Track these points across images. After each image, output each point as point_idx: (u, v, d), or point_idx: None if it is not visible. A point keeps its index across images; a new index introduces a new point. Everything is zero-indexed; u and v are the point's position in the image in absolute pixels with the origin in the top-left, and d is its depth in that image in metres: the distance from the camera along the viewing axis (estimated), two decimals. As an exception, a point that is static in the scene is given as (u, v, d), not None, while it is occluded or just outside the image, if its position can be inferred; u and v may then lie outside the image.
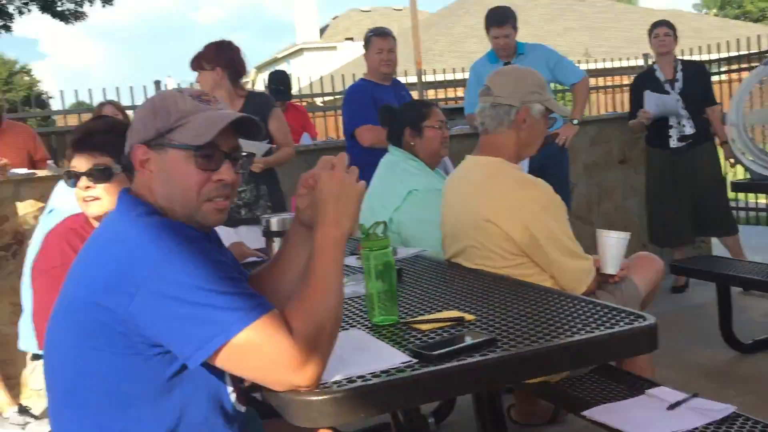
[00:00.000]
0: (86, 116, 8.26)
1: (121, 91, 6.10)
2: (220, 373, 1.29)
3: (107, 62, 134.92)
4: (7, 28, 15.07)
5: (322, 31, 35.55)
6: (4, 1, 14.00)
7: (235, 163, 1.36)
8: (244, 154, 1.39)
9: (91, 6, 15.02)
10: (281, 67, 29.30)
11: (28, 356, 2.37)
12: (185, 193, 1.31)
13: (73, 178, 1.97)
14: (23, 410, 3.44)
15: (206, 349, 1.17)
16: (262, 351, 1.18)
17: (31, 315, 2.40)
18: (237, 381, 1.35)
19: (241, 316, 1.17)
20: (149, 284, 1.17)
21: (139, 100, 6.72)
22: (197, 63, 3.28)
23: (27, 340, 2.35)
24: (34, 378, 2.35)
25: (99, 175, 1.96)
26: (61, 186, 2.46)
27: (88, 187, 1.96)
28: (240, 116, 1.32)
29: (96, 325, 1.21)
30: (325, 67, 24.12)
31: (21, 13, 14.89)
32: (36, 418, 3.44)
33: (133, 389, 1.24)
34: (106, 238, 1.29)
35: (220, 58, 3.28)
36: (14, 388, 3.71)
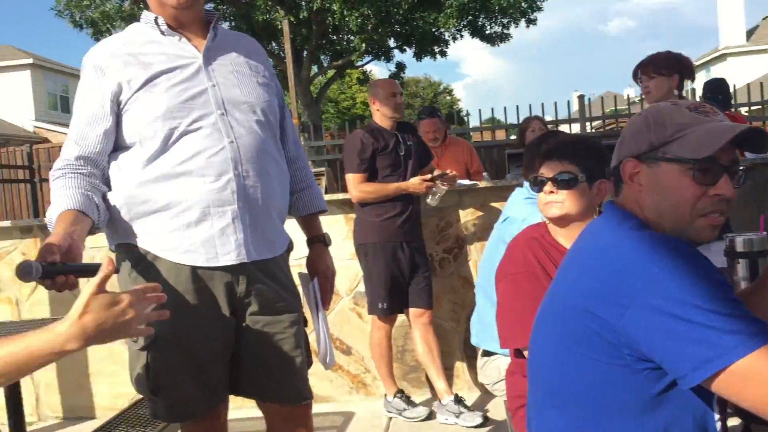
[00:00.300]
0: (500, 132, 8.80)
1: (534, 106, 6.32)
2: (708, 397, 1.23)
3: (516, 79, 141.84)
4: (443, 53, 16.93)
5: (750, 33, 32.24)
6: (442, 29, 15.73)
7: (734, 176, 1.28)
8: (741, 168, 1.30)
9: (516, 27, 16.01)
10: (700, 74, 27.33)
11: (479, 352, 2.57)
12: (678, 208, 1.28)
13: (538, 184, 2.10)
14: (458, 400, 3.76)
15: (703, 371, 1.12)
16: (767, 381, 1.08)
17: (481, 313, 2.62)
18: (722, 409, 1.27)
19: (744, 341, 1.09)
20: (644, 297, 1.16)
21: (562, 114, 6.89)
22: (654, 68, 3.24)
23: (479, 336, 2.55)
24: (483, 373, 2.53)
25: (564, 182, 2.05)
26: (515, 196, 2.63)
27: (551, 192, 2.07)
28: (747, 128, 1.24)
29: (586, 333, 1.24)
30: (752, 73, 21.81)
31: (455, 39, 16.57)
32: (469, 409, 3.74)
33: (618, 401, 1.24)
34: (597, 248, 1.32)
35: (680, 65, 3.22)
36: (449, 378, 4.08)
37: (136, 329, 1.27)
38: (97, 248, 3.93)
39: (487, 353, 2.51)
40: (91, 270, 1.78)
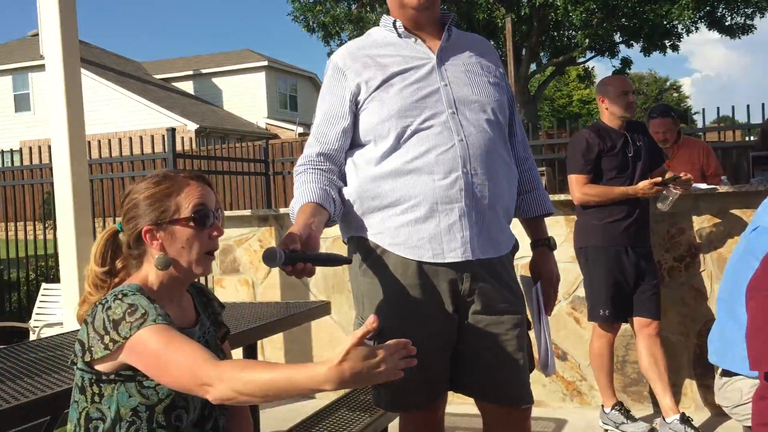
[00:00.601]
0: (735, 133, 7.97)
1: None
2: None
3: (756, 74, 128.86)
4: (675, 48, 15.83)
5: None
6: (675, 22, 14.73)
7: None
8: None
9: (761, 18, 14.57)
10: None
11: (718, 371, 2.36)
12: None
13: None
14: (685, 419, 3.49)
15: None
16: None
17: (724, 330, 2.39)
18: None
19: None
20: None
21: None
22: None
23: (719, 354, 2.34)
24: (722, 394, 2.32)
25: None
26: (768, 203, 2.36)
27: None
28: None
29: None
30: None
31: (689, 32, 15.43)
32: (696, 430, 3.45)
33: None
34: None
35: None
36: (675, 395, 3.80)
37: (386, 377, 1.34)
38: (323, 239, 4.17)
39: (728, 373, 2.28)
40: (327, 259, 1.88)
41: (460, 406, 3.85)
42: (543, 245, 2.27)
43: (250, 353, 3.07)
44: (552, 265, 2.25)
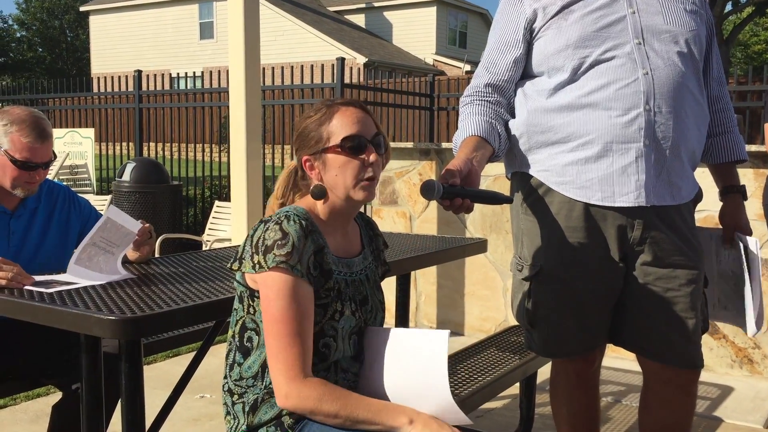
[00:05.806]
0: None
1: None
2: None
3: None
4: None
5: None
6: None
7: None
8: None
9: None
10: None
11: None
12: None
13: None
14: None
15: None
16: None
17: None
18: None
19: None
20: None
21: None
22: None
23: None
24: None
25: None
26: None
27: None
28: None
29: None
30: None
31: None
32: None
33: None
34: None
35: None
36: None
37: None
38: (484, 176, 4.07)
39: None
40: (486, 196, 1.79)
41: (614, 360, 3.69)
42: (736, 191, 2.05)
43: (404, 284, 3.07)
44: (745, 214, 2.05)
